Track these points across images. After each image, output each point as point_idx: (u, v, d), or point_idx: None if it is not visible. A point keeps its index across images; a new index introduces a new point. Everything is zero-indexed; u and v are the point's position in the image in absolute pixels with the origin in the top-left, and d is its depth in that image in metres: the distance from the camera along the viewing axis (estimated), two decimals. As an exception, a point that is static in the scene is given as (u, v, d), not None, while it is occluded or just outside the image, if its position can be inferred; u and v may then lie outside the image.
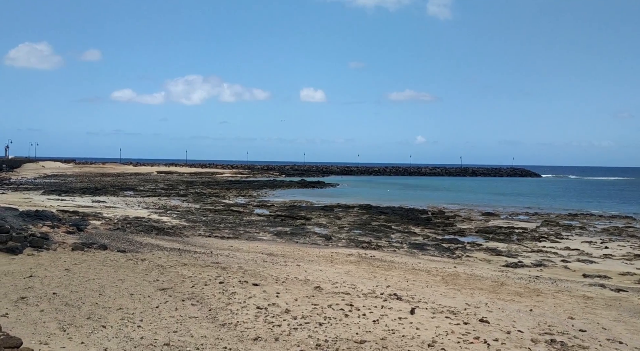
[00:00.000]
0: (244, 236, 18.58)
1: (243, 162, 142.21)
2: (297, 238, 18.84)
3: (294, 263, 11.58)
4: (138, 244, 13.15)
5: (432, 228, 23.62)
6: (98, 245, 11.61)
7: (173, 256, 11.34)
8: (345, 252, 14.76)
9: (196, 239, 16.53)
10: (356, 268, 11.44)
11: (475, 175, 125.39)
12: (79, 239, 13.10)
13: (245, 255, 12.69)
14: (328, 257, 13.44)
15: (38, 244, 10.37)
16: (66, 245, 11.13)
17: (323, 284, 8.91)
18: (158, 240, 14.59)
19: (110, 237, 14.15)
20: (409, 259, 14.00)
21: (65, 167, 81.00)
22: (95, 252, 10.67)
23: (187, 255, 11.83)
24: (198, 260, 11.00)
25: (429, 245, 18.02)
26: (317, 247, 16.30)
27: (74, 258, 9.80)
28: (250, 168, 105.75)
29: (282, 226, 22.87)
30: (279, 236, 19.22)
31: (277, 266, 10.94)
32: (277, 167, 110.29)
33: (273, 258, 12.28)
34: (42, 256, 9.93)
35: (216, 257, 11.85)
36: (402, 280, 9.96)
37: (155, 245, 13.22)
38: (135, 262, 9.89)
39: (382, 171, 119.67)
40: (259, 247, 14.78)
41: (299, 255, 13.52)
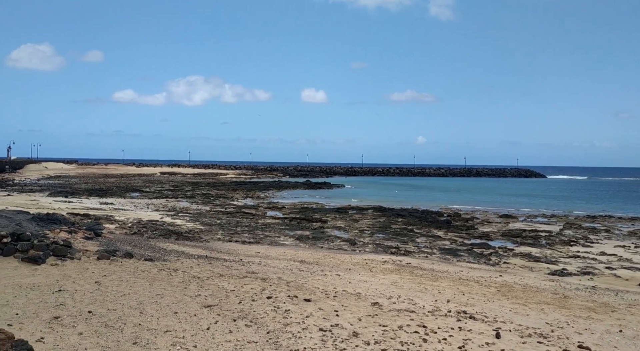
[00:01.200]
0: (265, 241, 17.79)
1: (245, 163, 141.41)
2: (321, 243, 18.05)
3: (332, 273, 10.79)
4: (162, 251, 12.36)
5: (456, 232, 22.83)
6: (123, 252, 10.81)
7: (204, 265, 10.55)
8: (378, 259, 13.97)
9: (218, 244, 15.74)
10: (400, 278, 10.65)
11: (480, 176, 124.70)
12: (99, 245, 12.30)
13: (277, 263, 11.90)
14: (363, 264, 12.65)
15: (61, 253, 9.57)
16: (90, 253, 10.33)
17: (378, 298, 8.12)
18: (181, 246, 13.80)
19: (131, 243, 13.35)
20: (448, 267, 13.21)
21: (68, 168, 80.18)
22: (123, 261, 9.87)
23: (218, 263, 11.04)
24: (232, 270, 10.21)
25: (460, 250, 17.22)
26: (345, 253, 15.52)
27: (102, 269, 9.01)
28: (253, 169, 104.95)
29: (301, 229, 22.08)
30: (300, 240, 18.43)
31: (317, 277, 10.15)
32: (280, 168, 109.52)
33: (308, 267, 11.49)
34: (67, 266, 9.13)
35: (249, 265, 11.06)
36: (458, 293, 9.17)
37: (180, 252, 12.42)
38: (169, 272, 9.09)
39: (386, 172, 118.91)
40: (287, 253, 13.98)
41: (333, 262, 12.73)
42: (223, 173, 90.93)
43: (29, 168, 72.69)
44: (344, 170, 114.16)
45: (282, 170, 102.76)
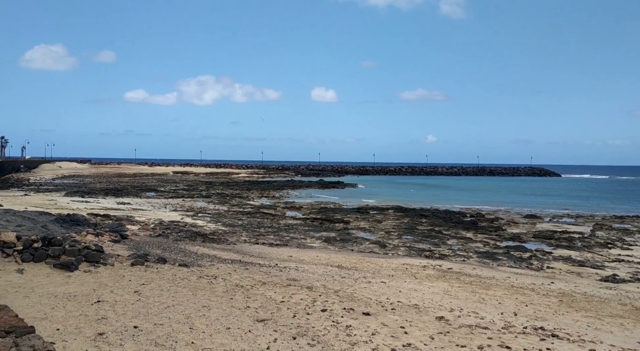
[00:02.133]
0: (292, 243, 17.19)
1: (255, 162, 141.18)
2: (350, 245, 17.41)
3: (376, 280, 10.15)
4: (194, 255, 11.81)
5: (485, 233, 22.05)
6: (156, 257, 10.27)
7: (241, 271, 9.97)
8: (416, 263, 13.30)
9: (246, 247, 15.17)
10: (449, 286, 9.98)
11: (493, 175, 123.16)
12: (128, 249, 11.79)
13: (314, 268, 11.29)
14: (404, 270, 11.99)
15: (94, 258, 9.04)
16: (122, 258, 9.80)
17: (440, 311, 7.47)
18: (210, 249, 13.25)
19: (160, 246, 12.83)
20: (492, 272, 12.50)
21: (82, 168, 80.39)
22: (158, 267, 9.32)
23: (254, 268, 10.46)
24: (271, 276, 9.61)
25: (497, 253, 16.48)
26: (379, 256, 14.86)
27: (138, 276, 8.46)
28: (265, 168, 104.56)
29: (325, 231, 21.46)
30: (328, 242, 17.81)
31: (362, 284, 9.52)
32: (292, 167, 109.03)
33: (348, 273, 10.86)
34: (101, 273, 8.60)
35: (287, 271, 10.46)
36: (519, 304, 8.49)
37: (212, 256, 11.86)
38: (209, 280, 8.52)
39: (398, 171, 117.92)
40: (320, 258, 13.36)
41: (371, 267, 12.08)
42: (235, 172, 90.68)
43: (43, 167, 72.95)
44: (356, 170, 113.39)
45: (293, 170, 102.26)
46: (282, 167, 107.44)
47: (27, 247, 8.77)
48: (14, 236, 8.80)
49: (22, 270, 8.34)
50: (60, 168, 75.18)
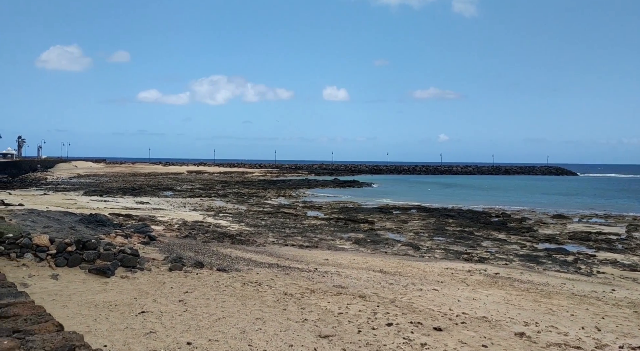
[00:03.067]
0: (322, 245, 16.56)
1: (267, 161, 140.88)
2: (382, 247, 16.73)
3: (427, 287, 9.46)
4: (228, 258, 11.23)
5: (518, 235, 21.20)
6: (192, 261, 9.71)
7: (282, 276, 9.36)
8: (458, 267, 12.58)
9: (277, 249, 14.58)
10: (506, 293, 9.26)
11: (509, 174, 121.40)
12: (159, 252, 11.26)
13: (356, 273, 10.63)
14: (449, 275, 11.28)
15: (130, 263, 8.49)
16: (158, 262, 9.25)
17: (514, 325, 6.78)
18: (243, 252, 12.67)
19: (191, 248, 12.28)
20: (542, 277, 11.74)
21: (97, 167, 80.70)
22: (197, 273, 8.75)
23: (295, 274, 9.84)
24: (316, 283, 8.98)
25: (540, 256, 15.67)
26: (416, 259, 14.16)
27: (179, 283, 7.88)
28: (278, 167, 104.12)
29: (352, 232, 20.79)
30: (359, 244, 17.13)
31: (414, 292, 8.84)
32: (305, 166, 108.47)
33: (394, 279, 10.19)
34: (139, 279, 8.04)
35: (330, 277, 9.82)
36: (594, 316, 7.75)
37: (247, 260, 11.28)
38: (255, 288, 7.92)
39: (412, 170, 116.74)
40: (358, 261, 12.71)
41: (414, 272, 11.40)
42: (249, 171, 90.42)
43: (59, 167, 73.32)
44: (369, 169, 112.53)
45: (307, 169, 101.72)
46: (296, 166, 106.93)
47: (60, 251, 8.26)
48: (47, 239, 8.30)
49: (57, 276, 7.83)
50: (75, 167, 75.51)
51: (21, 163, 58.77)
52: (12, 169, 51.83)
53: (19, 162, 58.50)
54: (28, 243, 8.07)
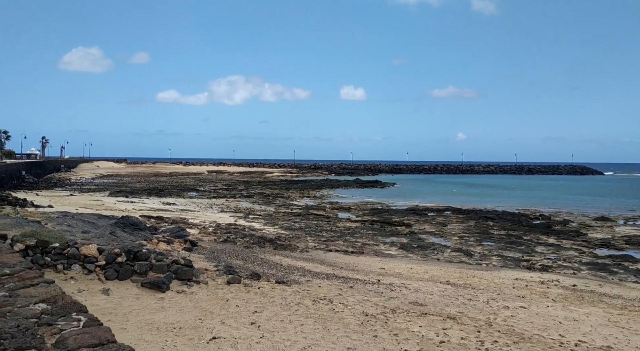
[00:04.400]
0: (367, 250, 15.57)
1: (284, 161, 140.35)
2: (431, 253, 15.66)
3: (510, 303, 8.41)
4: (280, 267, 10.34)
5: (569, 239, 19.89)
6: (248, 272, 8.82)
7: (349, 290, 8.41)
8: (526, 277, 11.47)
9: (322, 255, 13.65)
10: (605, 312, 8.16)
11: (532, 173, 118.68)
12: (205, 259, 10.40)
13: (422, 285, 9.62)
14: (522, 286, 10.20)
15: (186, 276, 7.63)
16: (212, 273, 8.38)
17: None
18: (292, 259, 11.76)
19: (237, 255, 11.43)
20: (633, 292, 10.55)
21: (118, 167, 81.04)
22: (258, 286, 7.85)
23: (359, 287, 8.88)
24: (388, 299, 8.01)
25: (607, 264, 14.42)
26: (473, 267, 13.08)
27: (243, 300, 6.99)
28: (297, 167, 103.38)
29: (392, 235, 19.76)
30: (406, 250, 16.10)
31: (502, 310, 7.81)
32: (324, 166, 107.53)
33: (469, 293, 9.15)
34: (198, 294, 7.17)
35: (399, 290, 8.83)
36: None
37: (300, 268, 10.37)
38: (330, 307, 6.98)
39: (433, 169, 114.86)
40: (416, 270, 11.68)
41: (483, 283, 10.33)
42: (268, 171, 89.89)
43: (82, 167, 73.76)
44: (389, 168, 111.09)
45: (326, 168, 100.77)
46: (315, 166, 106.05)
47: (110, 262, 7.44)
48: (95, 249, 7.49)
49: (108, 291, 7.00)
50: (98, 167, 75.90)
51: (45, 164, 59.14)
52: (37, 169, 52.12)
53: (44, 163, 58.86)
54: (75, 254, 7.28)
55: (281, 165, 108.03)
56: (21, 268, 3.79)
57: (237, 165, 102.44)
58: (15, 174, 42.15)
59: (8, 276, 4.01)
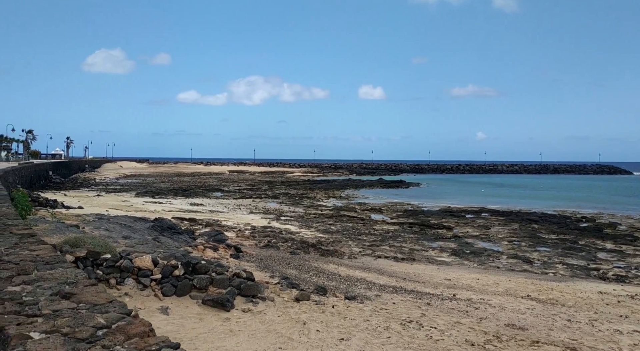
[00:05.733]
0: (418, 256, 14.51)
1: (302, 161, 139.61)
2: (487, 260, 14.52)
3: (619, 325, 7.30)
4: (338, 277, 9.40)
5: (627, 244, 18.47)
6: (312, 285, 7.90)
7: (428, 308, 7.42)
8: (609, 290, 10.29)
9: (374, 262, 12.67)
10: None
11: (557, 173, 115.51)
12: (257, 268, 9.52)
13: (505, 302, 8.56)
14: (614, 303, 9.05)
15: (250, 291, 6.73)
16: (276, 287, 7.47)
17: None
18: (346, 268, 10.81)
19: (287, 263, 10.53)
20: None
21: (141, 167, 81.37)
22: (332, 304, 6.90)
23: (437, 303, 7.87)
24: (480, 320, 6.99)
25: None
26: (541, 278, 11.93)
27: (321, 323, 6.05)
28: (318, 167, 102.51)
29: (437, 239, 18.66)
30: (459, 256, 14.99)
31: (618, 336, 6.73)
32: (344, 166, 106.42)
33: (562, 311, 8.06)
34: (267, 314, 6.26)
35: (485, 309, 7.80)
36: None
37: (361, 280, 9.41)
38: (427, 334, 5.98)
39: (455, 169, 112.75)
40: (486, 282, 10.61)
41: (567, 299, 9.21)
42: (289, 171, 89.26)
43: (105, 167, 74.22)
44: (411, 168, 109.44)
45: (347, 168, 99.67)
46: (335, 166, 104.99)
47: (166, 276, 6.59)
48: (150, 261, 6.65)
49: (167, 309, 6.15)
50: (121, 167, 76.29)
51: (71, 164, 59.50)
52: (63, 169, 52.37)
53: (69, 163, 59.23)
54: (129, 266, 6.45)
55: (301, 165, 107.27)
56: (86, 284, 2.93)
57: (257, 164, 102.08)
58: (43, 174, 42.25)
59: (71, 295, 3.16)
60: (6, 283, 2.65)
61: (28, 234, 4.23)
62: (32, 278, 2.75)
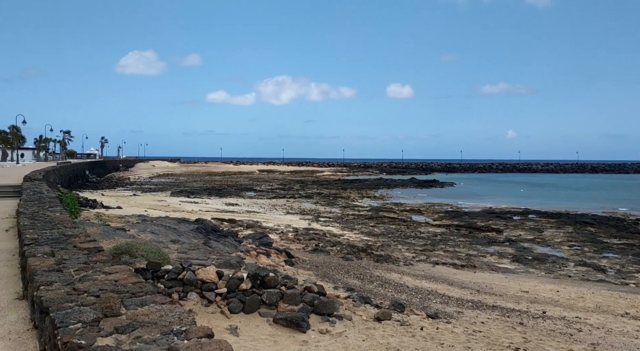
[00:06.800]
0: (477, 263, 13.45)
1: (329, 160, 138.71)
2: (553, 267, 13.32)
3: None
4: (408, 290, 8.52)
5: None
6: (388, 302, 7.05)
7: (521, 328, 6.46)
8: None
9: (433, 270, 11.72)
10: None
11: (596, 172, 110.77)
12: (316, 276, 8.74)
13: (601, 320, 7.49)
14: None
15: (326, 309, 5.93)
16: (349, 303, 6.66)
17: None
18: (413, 278, 9.92)
19: (347, 271, 9.71)
20: None
21: (173, 166, 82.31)
22: (418, 324, 6.03)
23: (532, 323, 6.90)
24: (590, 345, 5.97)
25: None
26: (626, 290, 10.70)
27: (418, 350, 5.18)
28: (347, 166, 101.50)
29: (493, 244, 17.49)
30: (521, 263, 13.84)
31: None
32: (374, 165, 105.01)
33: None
34: (350, 337, 5.45)
35: (587, 330, 6.79)
36: None
37: (433, 292, 8.49)
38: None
39: (488, 168, 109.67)
40: (567, 295, 9.52)
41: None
42: (318, 170, 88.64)
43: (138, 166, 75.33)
44: (442, 167, 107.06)
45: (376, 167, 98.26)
46: (365, 165, 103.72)
47: (232, 289, 5.87)
48: (214, 272, 5.94)
49: (236, 329, 5.42)
50: (153, 167, 77.31)
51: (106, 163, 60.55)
52: (98, 169, 53.25)
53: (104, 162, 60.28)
54: (192, 279, 5.76)
55: (330, 164, 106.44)
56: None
57: (286, 164, 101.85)
58: (81, 174, 42.91)
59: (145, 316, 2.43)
60: (93, 330, 1.92)
61: (95, 249, 3.55)
62: (124, 323, 2.01)
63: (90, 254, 3.40)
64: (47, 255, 3.29)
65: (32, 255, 3.27)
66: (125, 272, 2.91)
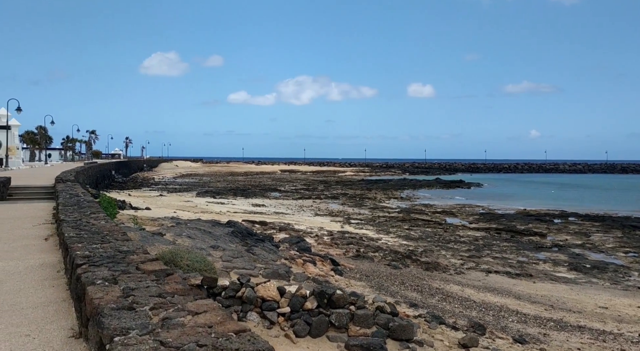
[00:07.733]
0: (532, 271, 12.46)
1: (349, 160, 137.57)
2: (614, 276, 12.24)
3: None
4: (475, 305, 7.66)
5: None
6: (466, 323, 6.23)
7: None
8: None
9: (487, 279, 10.82)
10: None
11: (626, 172, 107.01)
12: (371, 288, 7.95)
13: None
14: None
15: (402, 334, 5.15)
16: (424, 324, 5.87)
17: None
18: (475, 290, 9.06)
19: (402, 282, 8.91)
20: None
21: (195, 166, 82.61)
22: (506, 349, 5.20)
23: (630, 347, 5.96)
24: None
25: None
26: None
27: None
28: (369, 166, 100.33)
29: (541, 250, 16.43)
30: (580, 272, 12.79)
31: None
32: (396, 165, 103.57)
33: None
34: (438, 369, 4.65)
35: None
36: None
37: (504, 308, 7.63)
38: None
39: (513, 168, 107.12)
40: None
41: None
42: (340, 170, 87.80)
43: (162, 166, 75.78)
44: (466, 167, 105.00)
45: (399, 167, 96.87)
46: (387, 165, 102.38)
47: (296, 309, 5.14)
48: (275, 289, 5.23)
49: (306, 357, 4.70)
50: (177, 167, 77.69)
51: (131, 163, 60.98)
52: (124, 169, 53.57)
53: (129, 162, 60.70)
54: (252, 297, 5.06)
55: (351, 164, 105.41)
56: None
57: (307, 164, 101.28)
58: (107, 174, 43.07)
59: None
60: None
61: (163, 273, 2.86)
62: None
63: (159, 280, 2.71)
64: (108, 282, 2.62)
65: (90, 282, 2.59)
66: (217, 312, 2.20)
